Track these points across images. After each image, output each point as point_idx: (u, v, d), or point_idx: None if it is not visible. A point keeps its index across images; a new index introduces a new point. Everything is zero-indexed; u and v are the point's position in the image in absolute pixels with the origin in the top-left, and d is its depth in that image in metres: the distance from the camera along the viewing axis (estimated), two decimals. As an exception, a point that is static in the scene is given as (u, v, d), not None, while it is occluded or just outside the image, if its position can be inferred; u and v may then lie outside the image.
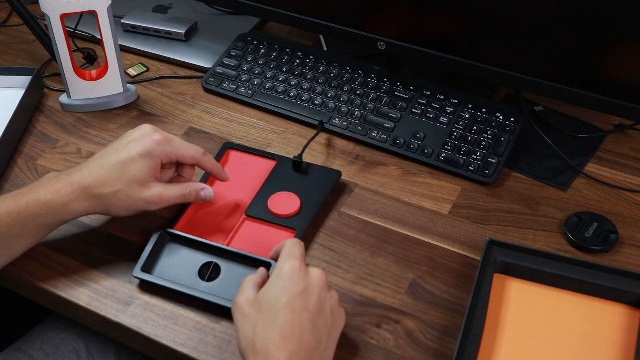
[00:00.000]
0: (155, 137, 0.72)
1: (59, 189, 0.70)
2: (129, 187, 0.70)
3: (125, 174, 0.71)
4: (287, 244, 0.66)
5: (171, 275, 0.73)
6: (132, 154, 0.71)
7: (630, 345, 0.68)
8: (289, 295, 0.61)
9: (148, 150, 0.71)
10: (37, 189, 0.70)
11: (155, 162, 0.72)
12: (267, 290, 0.62)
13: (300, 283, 0.62)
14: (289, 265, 0.63)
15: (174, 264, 0.74)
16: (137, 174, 0.71)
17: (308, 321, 0.60)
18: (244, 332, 0.61)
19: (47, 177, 0.73)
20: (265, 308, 0.61)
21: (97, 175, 0.71)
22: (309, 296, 0.62)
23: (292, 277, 0.62)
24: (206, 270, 0.73)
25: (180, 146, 0.74)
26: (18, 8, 0.99)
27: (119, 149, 0.72)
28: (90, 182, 0.70)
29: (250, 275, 0.66)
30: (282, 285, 0.62)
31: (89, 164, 0.72)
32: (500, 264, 0.73)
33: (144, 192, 0.71)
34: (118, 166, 0.71)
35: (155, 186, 0.72)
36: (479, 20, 0.85)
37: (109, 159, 0.72)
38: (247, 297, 0.63)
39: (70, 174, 0.71)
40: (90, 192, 0.70)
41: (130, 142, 0.72)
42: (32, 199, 0.69)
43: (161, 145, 0.72)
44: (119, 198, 0.71)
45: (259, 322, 0.60)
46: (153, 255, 0.74)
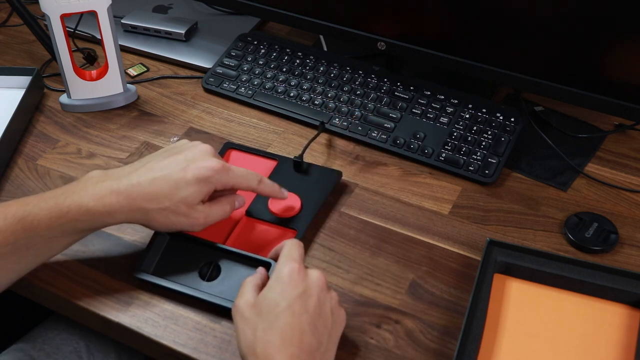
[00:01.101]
0: (214, 165, 0.70)
1: (104, 197, 0.67)
2: (176, 206, 0.68)
3: (176, 193, 0.68)
4: (286, 245, 0.66)
5: (171, 275, 0.73)
6: (188, 176, 0.68)
7: (630, 345, 0.68)
8: (288, 298, 0.61)
9: (205, 177, 0.69)
10: (81, 192, 0.68)
11: (209, 189, 0.70)
12: (267, 293, 0.62)
13: (299, 285, 0.62)
14: (287, 267, 0.63)
15: (174, 264, 0.74)
16: (188, 197, 0.69)
17: (308, 323, 0.60)
18: (244, 335, 0.61)
19: (92, 177, 0.70)
20: (265, 311, 0.61)
21: (147, 188, 0.68)
22: (308, 298, 0.62)
23: (291, 280, 0.62)
24: (206, 270, 0.73)
25: (237, 176, 0.72)
26: (18, 8, 0.99)
27: (175, 165, 0.69)
28: (138, 195, 0.68)
29: (249, 277, 0.66)
30: (281, 288, 0.62)
31: (139, 172, 0.69)
32: (500, 264, 0.73)
33: (190, 213, 0.69)
34: (170, 184, 0.68)
35: (201, 208, 0.70)
36: (479, 20, 0.85)
37: (162, 173, 0.69)
38: (247, 300, 0.63)
39: (118, 180, 0.68)
40: (136, 204, 0.68)
41: (188, 161, 0.70)
42: (75, 204, 0.67)
43: (219, 174, 0.70)
44: (164, 215, 0.69)
45: (259, 325, 0.60)
46: (153, 255, 0.74)
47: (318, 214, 0.80)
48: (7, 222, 0.66)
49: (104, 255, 0.76)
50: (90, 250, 0.77)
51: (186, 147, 0.73)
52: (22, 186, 0.84)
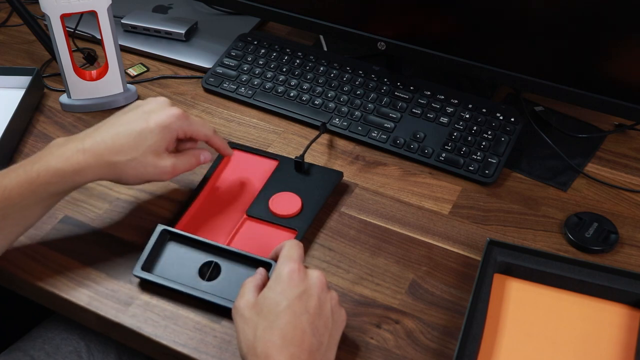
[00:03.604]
0: (173, 112, 0.73)
1: (70, 156, 0.69)
2: (143, 156, 0.71)
3: (141, 143, 0.71)
4: (286, 245, 0.67)
5: (171, 274, 0.73)
6: (150, 124, 0.72)
7: (630, 345, 0.68)
8: (288, 298, 0.61)
9: (166, 123, 0.72)
10: (47, 157, 0.70)
11: (172, 136, 0.73)
12: (267, 293, 0.62)
13: (300, 285, 0.62)
14: (287, 267, 0.63)
15: (174, 263, 0.74)
16: (154, 145, 0.72)
17: (308, 323, 0.60)
18: (244, 335, 0.61)
19: (55, 143, 0.72)
20: (265, 311, 0.61)
21: (111, 142, 0.71)
22: (308, 298, 0.62)
23: (291, 280, 0.62)
24: (206, 270, 0.73)
25: (195, 122, 0.76)
26: (18, 8, 0.99)
27: (135, 118, 0.73)
28: (103, 150, 0.70)
29: (249, 278, 0.67)
30: (282, 288, 0.62)
31: (100, 131, 0.72)
32: (500, 264, 0.73)
33: (157, 162, 0.72)
34: (134, 135, 0.71)
35: (167, 157, 0.73)
36: (479, 20, 0.85)
37: (125, 127, 0.72)
38: (247, 301, 0.63)
39: (82, 140, 0.71)
40: (104, 159, 0.70)
41: (147, 112, 0.73)
42: (43, 168, 0.69)
43: (179, 120, 0.73)
44: (133, 167, 0.71)
45: (259, 325, 0.60)
46: (153, 254, 0.74)
47: (318, 214, 0.80)
48: None
49: (103, 255, 0.76)
50: (90, 250, 0.77)
51: (143, 102, 0.75)
52: (22, 186, 0.84)
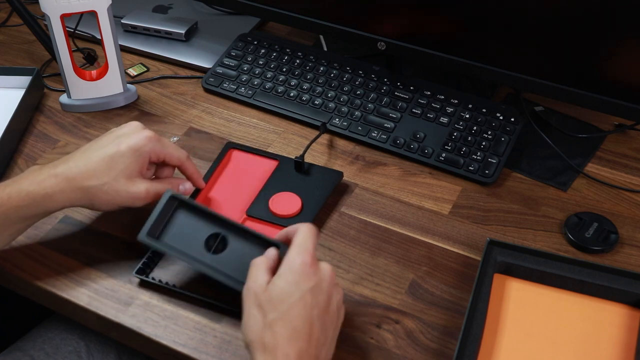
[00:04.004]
0: (145, 134, 0.73)
1: (42, 180, 0.69)
2: (115, 180, 0.70)
3: (113, 167, 0.70)
4: (301, 232, 0.65)
5: (177, 243, 0.70)
6: (121, 148, 0.71)
7: (630, 345, 0.68)
8: (301, 289, 0.60)
9: (138, 145, 0.72)
10: (20, 181, 0.70)
11: (144, 158, 0.72)
12: (278, 282, 0.61)
13: (312, 278, 0.61)
14: (301, 258, 0.62)
15: (181, 232, 0.71)
16: (126, 169, 0.71)
17: (317, 317, 0.60)
18: (253, 320, 0.60)
19: (31, 169, 0.72)
20: (276, 300, 0.60)
21: (84, 167, 0.70)
22: (319, 292, 0.61)
23: (304, 272, 0.61)
24: (213, 242, 0.71)
25: (168, 145, 0.75)
26: (18, 8, 0.99)
27: (107, 143, 0.72)
28: (76, 174, 0.70)
29: (260, 258, 0.65)
30: (294, 279, 0.61)
31: (74, 156, 0.72)
32: (500, 264, 0.73)
33: (130, 187, 0.71)
34: (106, 159, 0.71)
35: (141, 182, 0.72)
36: (479, 21, 0.85)
37: (97, 152, 0.71)
38: (260, 285, 0.62)
39: (55, 166, 0.71)
40: (76, 184, 0.70)
41: (119, 136, 0.73)
42: (15, 191, 0.69)
43: (151, 142, 0.73)
44: (105, 191, 0.70)
45: (269, 314, 0.59)
46: (160, 220, 0.71)
47: (318, 214, 0.80)
48: None
49: (104, 255, 0.76)
50: (90, 250, 0.77)
51: (118, 127, 0.75)
52: (22, 186, 0.84)
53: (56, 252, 0.76)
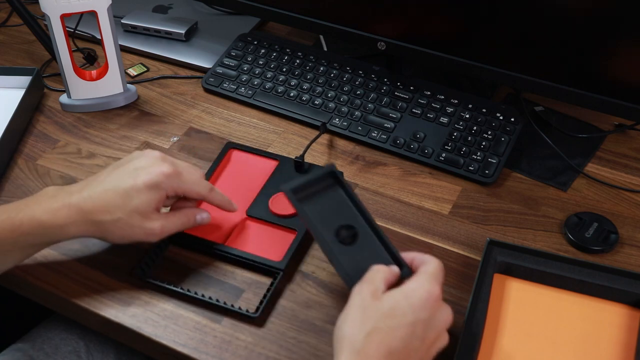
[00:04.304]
0: (164, 170, 0.69)
1: (56, 210, 0.67)
2: (130, 216, 0.68)
3: (128, 203, 0.68)
4: (434, 262, 0.64)
5: (313, 215, 0.69)
6: (138, 183, 0.68)
7: (630, 345, 0.68)
8: (416, 316, 0.59)
9: (155, 182, 0.68)
10: (34, 206, 0.67)
11: (161, 195, 0.69)
12: (397, 296, 0.61)
13: (431, 311, 0.60)
14: (430, 287, 0.61)
15: (322, 208, 0.69)
16: (141, 205, 0.68)
17: (415, 350, 0.59)
18: (352, 320, 0.59)
19: (45, 192, 0.70)
20: (387, 313, 0.59)
21: (99, 200, 0.67)
22: (430, 329, 0.60)
23: (427, 301, 0.60)
24: (344, 232, 0.69)
25: (188, 181, 0.71)
26: (18, 8, 0.99)
27: (125, 175, 0.69)
28: (90, 207, 0.67)
29: (383, 267, 0.64)
30: (414, 303, 0.60)
31: (91, 185, 0.69)
32: (500, 264, 0.73)
33: (145, 223, 0.69)
34: (122, 194, 0.68)
35: (156, 218, 0.69)
36: (479, 20, 0.85)
37: (113, 184, 0.68)
38: (375, 290, 0.61)
39: (70, 194, 0.68)
40: (89, 217, 0.67)
41: (137, 169, 0.69)
42: (27, 217, 0.66)
43: (168, 179, 0.69)
44: (119, 227, 0.68)
45: (373, 323, 0.59)
46: (310, 187, 0.70)
47: (318, 214, 0.80)
48: None
49: (104, 255, 0.76)
50: (90, 250, 0.77)
51: (136, 156, 0.72)
52: (22, 186, 0.84)
53: (56, 252, 0.76)
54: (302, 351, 0.68)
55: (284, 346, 0.68)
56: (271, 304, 0.72)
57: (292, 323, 0.70)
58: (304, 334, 0.69)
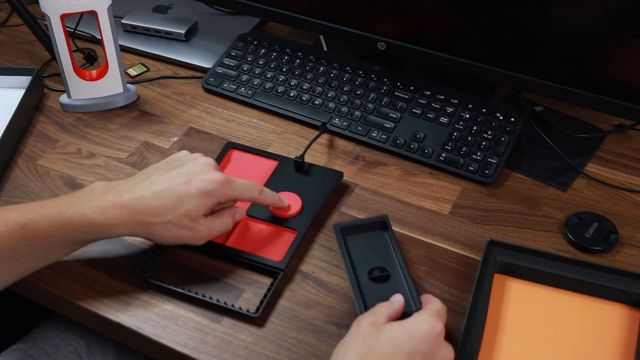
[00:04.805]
0: (217, 178, 0.70)
1: (105, 209, 0.67)
2: (179, 220, 0.68)
3: (179, 207, 0.68)
4: (438, 302, 0.66)
5: (353, 250, 0.74)
6: (191, 189, 0.68)
7: (630, 345, 0.68)
8: (414, 348, 0.60)
9: (209, 190, 0.69)
10: (84, 203, 0.67)
11: (212, 202, 0.70)
12: (397, 327, 0.62)
13: (431, 347, 0.61)
14: (432, 322, 0.62)
15: (364, 245, 0.75)
16: (192, 210, 0.68)
17: None
18: (349, 346, 0.60)
19: (95, 188, 0.69)
20: (384, 341, 0.60)
21: (150, 202, 0.68)
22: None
23: (429, 336, 0.61)
24: (377, 272, 0.72)
25: (239, 188, 0.72)
26: (18, 8, 0.99)
27: (177, 179, 0.69)
28: (140, 208, 0.68)
29: (387, 302, 0.66)
30: (414, 335, 0.61)
31: (141, 186, 0.69)
32: (500, 264, 0.73)
33: (193, 226, 0.69)
34: (174, 198, 0.68)
35: (203, 221, 0.70)
36: (479, 20, 0.85)
37: (165, 187, 0.69)
38: (375, 320, 0.62)
39: (121, 193, 0.68)
40: (139, 218, 0.68)
41: (190, 174, 0.70)
42: (77, 215, 0.66)
43: (222, 187, 0.70)
44: (167, 229, 0.69)
45: (370, 349, 0.59)
46: (359, 226, 0.76)
47: (318, 214, 0.80)
48: (9, 229, 0.65)
49: (104, 255, 0.76)
50: (90, 250, 0.77)
51: (188, 159, 0.73)
52: (22, 186, 0.84)
53: (56, 252, 0.76)
54: (302, 351, 0.68)
55: (284, 346, 0.68)
56: (271, 304, 0.72)
57: (292, 323, 0.70)
58: (304, 334, 0.69)
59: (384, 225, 0.77)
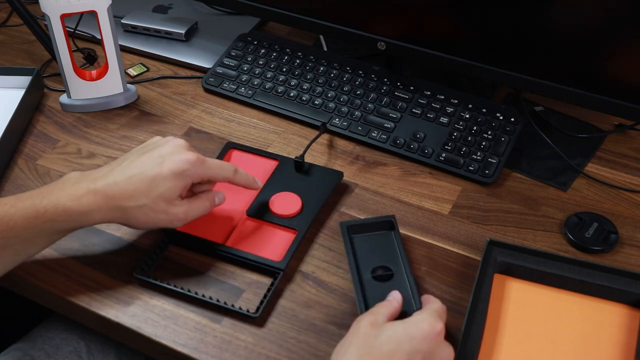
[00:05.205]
0: (189, 157, 0.70)
1: (81, 196, 0.67)
2: (155, 203, 0.68)
3: (153, 189, 0.68)
4: (438, 302, 0.67)
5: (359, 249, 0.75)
6: (164, 171, 0.69)
7: (630, 345, 0.68)
8: (413, 347, 0.60)
9: (181, 169, 0.69)
10: (58, 192, 0.67)
11: (186, 183, 0.70)
12: (397, 327, 0.62)
13: (430, 346, 0.61)
14: (432, 321, 0.62)
15: (369, 244, 0.75)
16: (166, 192, 0.69)
17: None
18: (349, 345, 0.60)
19: (69, 178, 0.70)
20: (384, 340, 0.60)
21: (124, 187, 0.68)
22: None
23: (428, 336, 0.61)
24: (381, 271, 0.72)
25: (213, 166, 0.72)
26: (18, 8, 0.99)
27: (150, 162, 0.70)
28: (115, 193, 0.68)
29: (387, 302, 0.67)
30: (414, 333, 0.61)
31: (115, 172, 0.69)
32: (500, 264, 0.73)
33: (169, 209, 0.69)
34: (147, 181, 0.68)
35: (180, 204, 0.70)
36: (479, 20, 0.85)
37: (139, 170, 0.69)
38: (375, 320, 0.62)
39: (95, 180, 0.68)
40: (114, 203, 0.68)
41: (163, 156, 0.70)
42: (52, 204, 0.67)
43: (194, 167, 0.70)
44: (144, 213, 0.69)
45: (370, 349, 0.60)
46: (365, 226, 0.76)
47: (318, 214, 0.80)
48: None
49: (103, 255, 0.76)
50: (90, 250, 0.77)
51: (160, 143, 0.73)
52: (22, 186, 0.84)
53: (56, 252, 0.76)
54: (302, 351, 0.68)
55: (284, 346, 0.68)
56: (271, 304, 0.72)
57: (292, 323, 0.70)
58: (304, 334, 0.69)
59: (390, 225, 0.77)
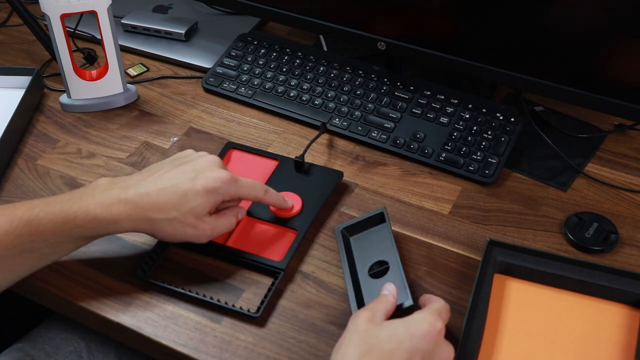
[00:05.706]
0: (223, 176, 0.70)
1: (110, 204, 0.67)
2: (184, 217, 0.68)
3: (184, 204, 0.68)
4: (440, 301, 0.66)
5: (356, 248, 0.75)
6: (197, 186, 0.68)
7: (630, 345, 0.68)
8: (414, 345, 0.60)
9: (214, 187, 0.69)
10: (88, 199, 0.67)
11: (217, 200, 0.70)
12: (397, 325, 0.62)
13: (430, 344, 0.61)
14: (433, 320, 0.62)
15: (366, 241, 0.75)
16: (197, 207, 0.68)
17: None
18: (349, 344, 0.60)
19: (99, 184, 0.70)
20: (385, 339, 0.60)
21: (155, 198, 0.68)
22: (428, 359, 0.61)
23: (429, 333, 0.61)
24: (376, 267, 0.72)
25: (245, 186, 0.72)
26: (18, 8, 0.99)
27: (183, 176, 0.69)
28: (146, 204, 0.67)
29: (383, 298, 0.66)
30: (414, 332, 0.61)
31: (147, 182, 0.69)
32: (500, 264, 0.73)
33: (198, 224, 0.69)
34: (179, 194, 0.68)
35: (208, 220, 0.70)
36: (479, 20, 0.85)
37: (171, 184, 0.69)
38: (372, 316, 0.62)
39: (126, 188, 0.68)
40: (144, 213, 0.68)
41: (196, 171, 0.70)
42: (81, 210, 0.66)
43: (226, 185, 0.70)
44: (172, 226, 0.68)
45: (371, 347, 0.59)
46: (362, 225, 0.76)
47: (318, 214, 0.80)
48: (14, 225, 0.65)
49: (104, 255, 0.76)
50: (90, 250, 0.77)
51: (193, 157, 0.72)
52: (22, 186, 0.84)
53: (56, 252, 0.76)
54: (302, 351, 0.68)
55: (284, 346, 0.68)
56: (271, 304, 0.72)
57: (292, 323, 0.70)
58: (304, 334, 0.69)
59: (382, 218, 0.77)
